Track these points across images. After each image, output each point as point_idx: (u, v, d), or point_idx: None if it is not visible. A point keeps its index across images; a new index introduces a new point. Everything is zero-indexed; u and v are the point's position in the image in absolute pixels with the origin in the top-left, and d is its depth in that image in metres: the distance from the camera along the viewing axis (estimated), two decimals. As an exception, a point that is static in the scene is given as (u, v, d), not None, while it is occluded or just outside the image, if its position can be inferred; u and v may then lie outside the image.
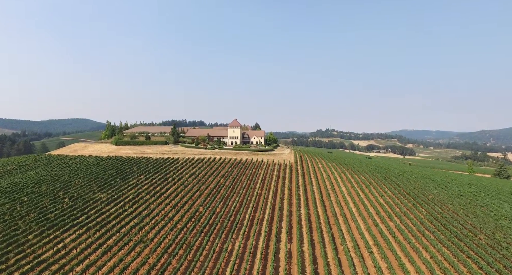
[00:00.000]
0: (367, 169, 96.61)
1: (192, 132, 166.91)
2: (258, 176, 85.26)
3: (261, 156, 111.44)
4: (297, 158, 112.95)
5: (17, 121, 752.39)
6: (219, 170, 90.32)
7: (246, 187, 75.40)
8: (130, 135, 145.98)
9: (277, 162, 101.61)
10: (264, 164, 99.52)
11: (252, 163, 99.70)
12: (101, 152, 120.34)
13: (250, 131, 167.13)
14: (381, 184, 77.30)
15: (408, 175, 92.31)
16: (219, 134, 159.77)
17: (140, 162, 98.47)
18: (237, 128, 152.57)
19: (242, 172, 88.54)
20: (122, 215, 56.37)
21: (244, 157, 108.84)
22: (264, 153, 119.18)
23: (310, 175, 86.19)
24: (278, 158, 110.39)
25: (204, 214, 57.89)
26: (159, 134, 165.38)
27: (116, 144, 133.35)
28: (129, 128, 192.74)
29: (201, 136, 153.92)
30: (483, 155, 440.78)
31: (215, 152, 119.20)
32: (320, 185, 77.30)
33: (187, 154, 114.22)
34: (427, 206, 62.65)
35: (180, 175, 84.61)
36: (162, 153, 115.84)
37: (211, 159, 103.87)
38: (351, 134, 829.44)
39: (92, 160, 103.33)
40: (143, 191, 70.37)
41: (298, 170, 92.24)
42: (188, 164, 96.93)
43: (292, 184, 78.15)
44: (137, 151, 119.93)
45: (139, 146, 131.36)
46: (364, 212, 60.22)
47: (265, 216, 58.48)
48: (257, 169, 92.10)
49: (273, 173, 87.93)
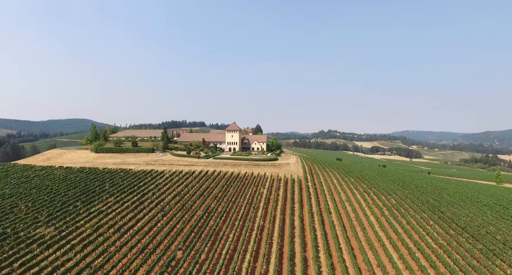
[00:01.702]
0: (393, 186, 78.80)
1: (185, 137, 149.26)
2: (260, 197, 67.55)
3: (263, 168, 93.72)
4: (306, 169, 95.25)
5: (16, 121, 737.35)
6: (211, 188, 72.72)
7: (244, 215, 57.75)
8: (115, 140, 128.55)
9: (283, 177, 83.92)
10: (267, 179, 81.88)
11: (252, 178, 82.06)
12: (77, 162, 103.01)
13: (251, 136, 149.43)
14: (420, 212, 59.26)
15: (449, 196, 74.17)
16: (216, 139, 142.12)
17: (117, 176, 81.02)
18: (236, 132, 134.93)
19: (240, 192, 70.90)
20: (63, 268, 38.73)
21: (243, 169, 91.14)
22: (266, 164, 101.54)
23: (325, 196, 68.40)
24: (283, 170, 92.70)
25: (182, 265, 40.27)
26: (149, 139, 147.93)
27: (96, 151, 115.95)
28: (117, 131, 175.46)
29: (195, 142, 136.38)
30: (494, 158, 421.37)
31: (209, 162, 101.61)
32: (341, 213, 59.52)
33: (175, 164, 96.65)
34: (502, 253, 44.71)
35: (161, 196, 67.01)
36: (147, 163, 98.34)
37: (203, 172, 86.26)
38: (354, 135, 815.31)
39: (60, 172, 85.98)
40: (106, 222, 52.77)
41: (310, 188, 74.53)
42: (174, 179, 79.35)
43: (303, 211, 60.40)
44: (118, 161, 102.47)
45: (122, 154, 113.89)
46: (412, 263, 42.36)
47: (269, 268, 40.80)
48: (259, 186, 74.42)
49: (279, 193, 70.25)
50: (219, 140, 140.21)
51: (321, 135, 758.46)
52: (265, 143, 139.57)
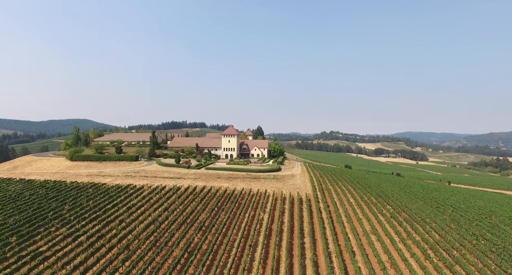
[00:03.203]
0: (427, 209, 63.21)
1: (177, 141, 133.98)
2: (259, 227, 52.17)
3: (264, 183, 78.35)
4: (315, 183, 79.99)
5: (16, 122, 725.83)
6: (198, 212, 57.44)
7: (237, 257, 42.35)
8: (96, 145, 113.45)
9: (287, 195, 68.56)
10: (269, 198, 66.53)
11: (250, 197, 66.72)
12: (45, 172, 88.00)
13: (250, 141, 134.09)
14: (481, 255, 43.24)
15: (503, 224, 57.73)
16: (211, 144, 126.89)
17: (84, 193, 65.93)
18: (234, 137, 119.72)
19: (234, 218, 55.55)
20: None
21: (240, 184, 75.79)
22: (268, 176, 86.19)
23: (344, 225, 52.90)
24: (288, 185, 77.35)
25: None
26: (136, 144, 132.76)
27: (71, 159, 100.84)
28: (103, 134, 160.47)
29: (188, 148, 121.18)
30: (505, 161, 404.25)
31: (200, 173, 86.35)
32: (368, 254, 43.92)
33: (159, 177, 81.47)
34: None
35: (131, 224, 51.73)
36: (126, 175, 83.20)
37: (191, 188, 70.99)
38: (356, 136, 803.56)
39: (17, 187, 70.91)
40: (41, 272, 37.40)
41: (322, 212, 59.12)
42: (154, 199, 64.08)
43: (317, 250, 44.87)
44: (94, 172, 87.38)
45: (101, 163, 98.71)
46: None
47: None
48: (258, 209, 59.07)
49: (283, 220, 54.85)
50: (215, 145, 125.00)
51: (323, 137, 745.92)
52: (266, 149, 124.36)
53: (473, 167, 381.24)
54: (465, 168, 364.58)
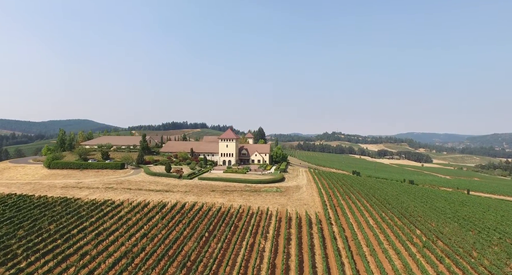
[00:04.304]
0: (467, 236, 51.86)
1: (170, 146, 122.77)
2: (259, 262, 40.90)
3: (265, 197, 67.04)
4: (324, 196, 68.89)
5: (16, 122, 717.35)
6: (183, 240, 46.24)
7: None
8: (80, 151, 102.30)
9: (293, 213, 57.33)
10: (272, 217, 55.32)
11: (249, 217, 55.50)
12: (17, 182, 77.09)
13: (251, 145, 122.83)
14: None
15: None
16: (208, 149, 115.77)
17: (50, 211, 54.87)
18: (232, 141, 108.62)
19: (228, 248, 44.32)
20: None
21: (237, 199, 64.56)
22: (270, 189, 74.94)
23: (366, 260, 41.62)
24: (294, 200, 66.10)
25: None
26: (126, 148, 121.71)
27: (49, 167, 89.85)
28: (93, 137, 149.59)
29: (182, 153, 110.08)
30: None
31: (192, 185, 75.19)
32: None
33: (144, 190, 70.37)
34: None
35: (96, 259, 40.52)
36: (107, 186, 72.17)
37: (179, 206, 59.84)
38: (359, 137, 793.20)
39: (-25, 204, 59.88)
40: None
41: (337, 240, 47.83)
42: (132, 220, 52.94)
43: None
44: (71, 182, 76.42)
45: (81, 171, 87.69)
46: None
47: None
48: (258, 235, 47.88)
49: (290, 251, 43.56)
50: (211, 150, 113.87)
51: (325, 137, 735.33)
52: (267, 155, 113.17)
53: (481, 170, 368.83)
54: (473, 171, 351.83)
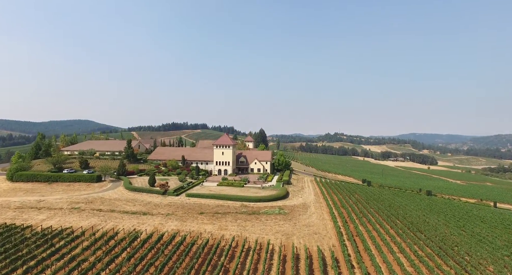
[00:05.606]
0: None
1: (159, 153, 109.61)
2: None
3: (264, 223, 53.78)
4: (337, 220, 55.79)
5: (16, 122, 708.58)
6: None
7: None
8: (53, 159, 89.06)
9: (302, 249, 44.18)
10: (274, 256, 42.19)
11: (244, 254, 42.35)
12: (-33, 201, 64.26)
13: (250, 152, 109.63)
14: None
15: None
16: (202, 157, 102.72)
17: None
18: (229, 148, 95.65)
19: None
20: None
21: (230, 226, 51.37)
22: (271, 210, 61.76)
23: None
24: (300, 226, 52.94)
25: None
26: (110, 155, 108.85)
27: (12, 179, 77.02)
28: (77, 142, 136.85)
29: (171, 161, 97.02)
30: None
31: (178, 204, 62.14)
32: None
33: (117, 211, 57.37)
34: None
35: None
36: (73, 207, 59.25)
37: (155, 237, 46.72)
38: (361, 138, 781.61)
39: None
40: None
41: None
42: (90, 260, 39.85)
43: None
44: (32, 200, 63.55)
45: (50, 185, 74.88)
46: None
47: None
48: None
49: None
50: (205, 158, 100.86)
51: (327, 138, 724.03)
52: (268, 163, 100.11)
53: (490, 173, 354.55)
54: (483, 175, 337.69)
